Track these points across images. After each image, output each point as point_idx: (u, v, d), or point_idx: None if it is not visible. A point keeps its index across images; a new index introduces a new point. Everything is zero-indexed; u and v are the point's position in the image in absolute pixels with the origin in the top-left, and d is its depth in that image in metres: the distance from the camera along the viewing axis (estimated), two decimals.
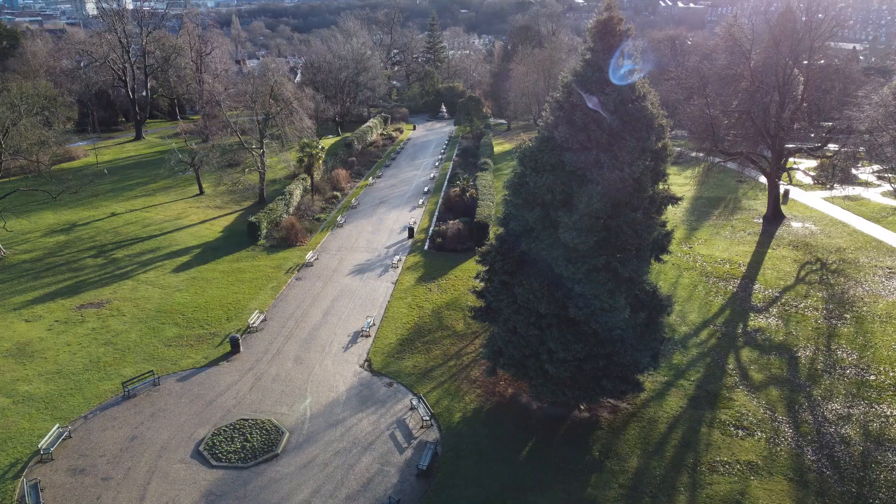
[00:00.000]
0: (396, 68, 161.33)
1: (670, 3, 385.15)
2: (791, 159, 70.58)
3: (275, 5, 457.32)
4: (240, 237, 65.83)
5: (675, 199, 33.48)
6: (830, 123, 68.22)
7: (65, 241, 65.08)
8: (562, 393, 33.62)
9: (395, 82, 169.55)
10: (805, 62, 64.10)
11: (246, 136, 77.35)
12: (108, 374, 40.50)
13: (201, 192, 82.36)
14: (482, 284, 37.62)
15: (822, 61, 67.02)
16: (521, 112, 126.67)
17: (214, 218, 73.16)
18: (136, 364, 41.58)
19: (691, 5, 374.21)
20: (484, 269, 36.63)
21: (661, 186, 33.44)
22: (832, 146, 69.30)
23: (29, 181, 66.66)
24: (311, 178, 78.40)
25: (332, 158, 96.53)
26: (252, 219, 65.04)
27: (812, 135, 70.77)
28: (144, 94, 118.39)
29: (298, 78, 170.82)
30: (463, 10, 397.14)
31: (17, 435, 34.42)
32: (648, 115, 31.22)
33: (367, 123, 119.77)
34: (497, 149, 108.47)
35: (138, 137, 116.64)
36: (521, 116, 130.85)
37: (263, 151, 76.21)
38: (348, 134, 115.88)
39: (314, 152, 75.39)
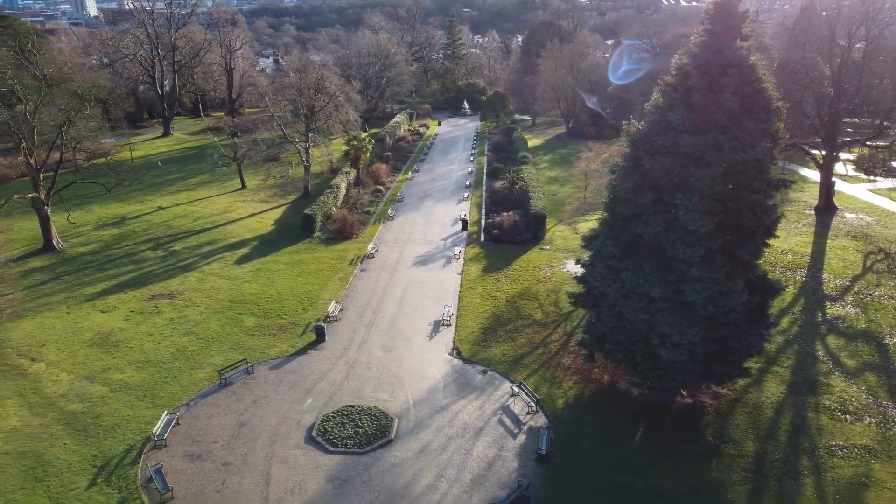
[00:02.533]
0: (416, 65, 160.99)
1: (673, 2, 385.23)
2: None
3: (276, 5, 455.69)
4: (293, 230, 65.61)
5: (787, 183, 33.51)
6: (878, 120, 68.12)
7: (118, 234, 64.86)
8: (671, 378, 33.48)
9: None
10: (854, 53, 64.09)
11: (288, 130, 77.11)
12: (197, 362, 40.31)
13: (243, 187, 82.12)
14: (582, 270, 37.52)
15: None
16: (548, 107, 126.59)
17: (262, 211, 72.94)
18: (223, 353, 41.39)
19: (694, 3, 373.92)
20: (587, 254, 36.52)
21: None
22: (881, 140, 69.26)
23: (86, 174, 66.32)
24: (358, 171, 78.24)
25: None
26: (307, 211, 64.88)
27: (858, 126, 70.79)
28: (171, 90, 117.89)
29: None
30: (466, 10, 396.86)
31: (122, 422, 34.23)
32: (767, 97, 31.17)
33: (395, 119, 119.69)
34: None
35: (166, 134, 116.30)
36: (546, 112, 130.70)
37: (309, 145, 76.08)
38: (377, 129, 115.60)
39: (361, 145, 75.14)
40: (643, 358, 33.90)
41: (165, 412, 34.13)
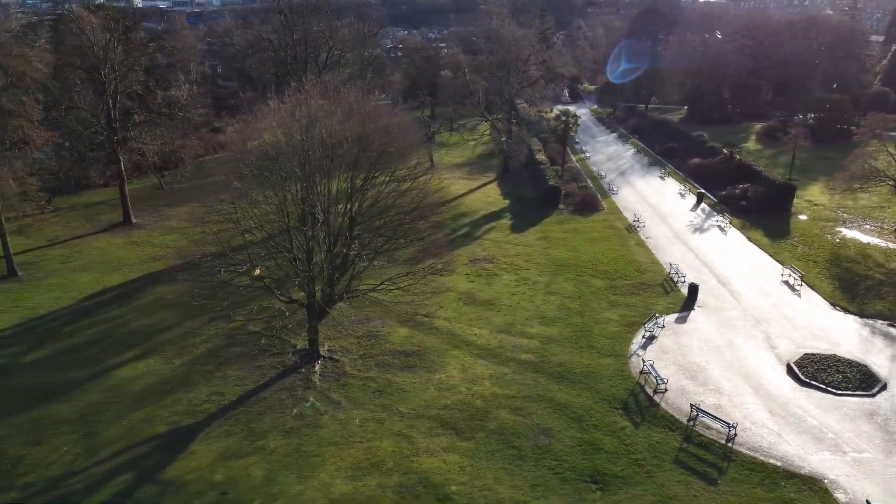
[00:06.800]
0: None
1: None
2: None
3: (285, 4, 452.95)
4: (531, 202, 65.92)
5: None
6: None
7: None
8: None
9: None
10: None
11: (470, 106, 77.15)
12: (592, 318, 40.43)
13: (432, 165, 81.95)
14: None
15: None
16: (670, 94, 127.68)
17: (477, 188, 73.15)
18: (609, 309, 41.47)
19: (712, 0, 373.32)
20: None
21: None
22: None
23: None
24: (565, 146, 78.21)
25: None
26: (553, 184, 65.30)
27: None
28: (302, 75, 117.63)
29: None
30: (482, 6, 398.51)
31: (593, 370, 34.32)
32: None
33: (520, 104, 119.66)
34: None
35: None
36: (670, 98, 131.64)
37: (512, 124, 76.13)
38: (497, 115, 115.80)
39: (571, 121, 75.27)
40: None
41: (642, 360, 34.27)
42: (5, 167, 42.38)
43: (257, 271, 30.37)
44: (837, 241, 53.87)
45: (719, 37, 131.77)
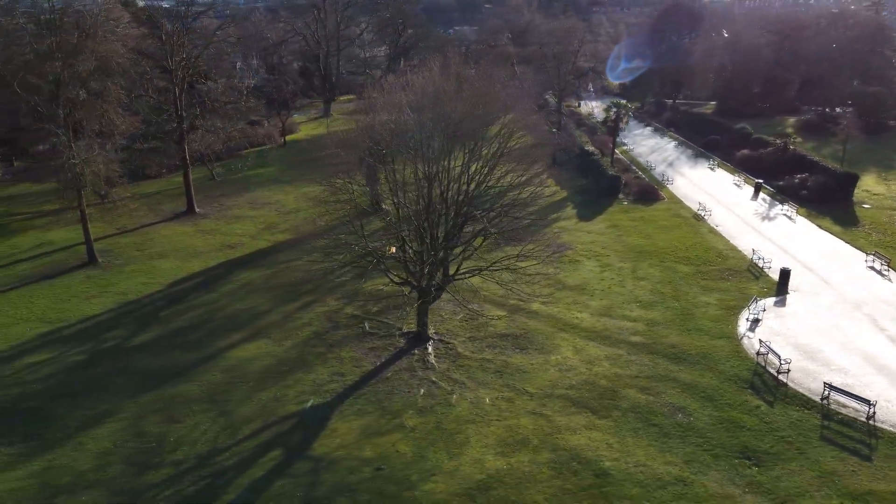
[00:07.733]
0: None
1: None
2: None
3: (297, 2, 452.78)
4: (590, 192, 65.50)
5: None
6: None
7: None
8: None
9: None
10: None
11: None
12: (688, 301, 40.39)
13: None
14: None
15: None
16: (701, 86, 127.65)
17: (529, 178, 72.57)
18: (704, 295, 41.33)
19: None
20: None
21: None
22: None
23: None
24: (615, 137, 78.01)
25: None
26: (614, 173, 65.11)
27: None
28: (335, 70, 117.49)
29: None
30: (487, 6, 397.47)
31: (707, 351, 34.16)
32: None
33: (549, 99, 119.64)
34: None
35: (327, 114, 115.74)
36: (695, 94, 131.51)
37: (562, 116, 75.94)
38: None
39: (624, 111, 75.13)
40: None
41: (759, 341, 34.23)
42: (94, 152, 42.15)
43: (392, 249, 30.17)
44: None
45: (726, 35, 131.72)
